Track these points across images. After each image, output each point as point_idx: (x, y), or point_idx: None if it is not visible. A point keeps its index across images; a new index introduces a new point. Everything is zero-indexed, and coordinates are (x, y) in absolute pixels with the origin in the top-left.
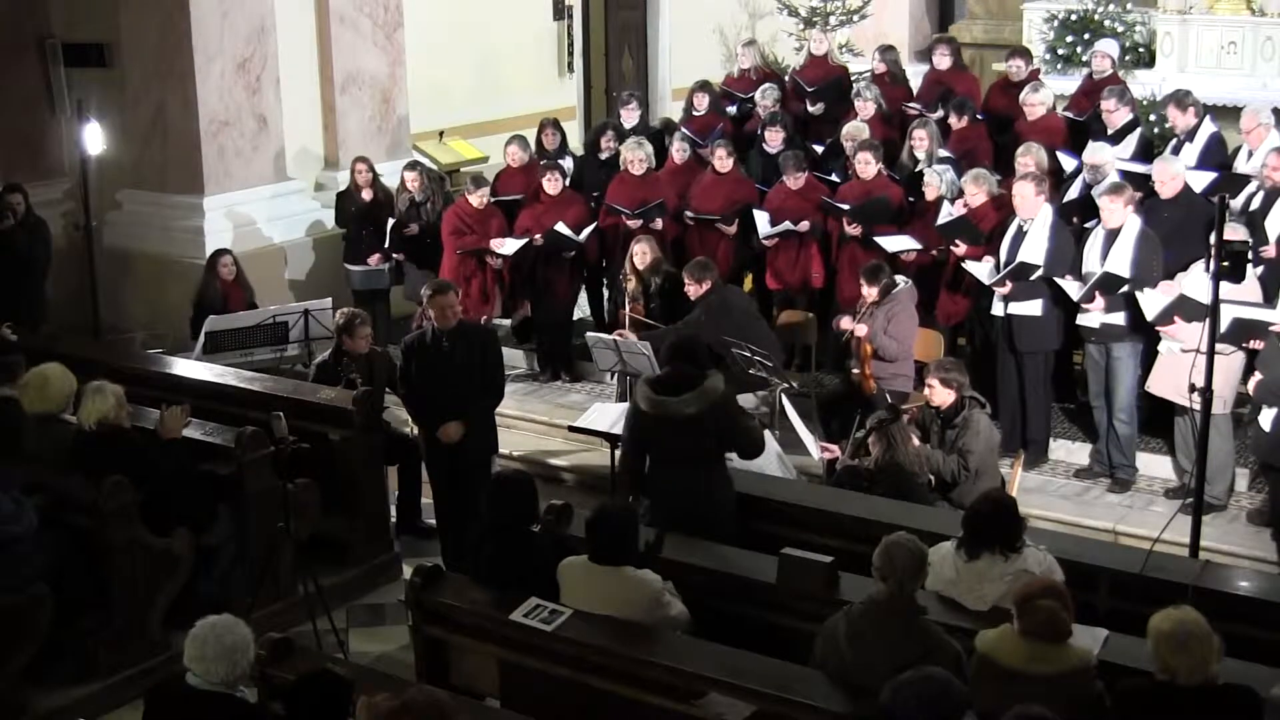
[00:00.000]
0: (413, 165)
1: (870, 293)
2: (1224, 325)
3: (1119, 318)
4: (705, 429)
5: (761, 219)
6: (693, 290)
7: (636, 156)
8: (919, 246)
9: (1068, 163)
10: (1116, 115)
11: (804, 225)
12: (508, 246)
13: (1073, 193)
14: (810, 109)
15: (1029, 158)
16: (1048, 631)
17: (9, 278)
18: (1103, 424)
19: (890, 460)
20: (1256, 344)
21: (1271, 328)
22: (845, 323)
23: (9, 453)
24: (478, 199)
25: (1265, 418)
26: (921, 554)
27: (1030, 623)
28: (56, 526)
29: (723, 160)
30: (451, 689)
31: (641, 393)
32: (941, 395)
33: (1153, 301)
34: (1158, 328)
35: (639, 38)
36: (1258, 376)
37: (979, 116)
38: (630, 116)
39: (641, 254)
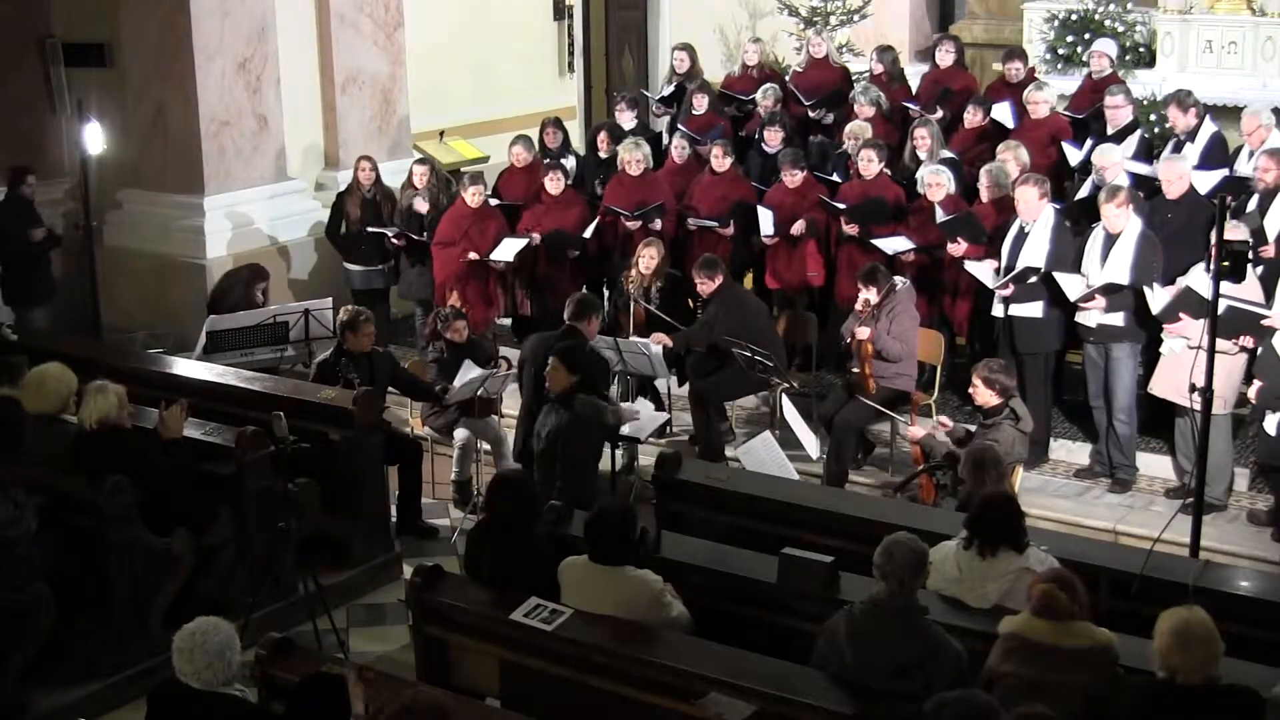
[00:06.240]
0: (423, 160)
1: (871, 295)
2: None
3: (1117, 318)
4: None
5: (766, 217)
6: (704, 288)
7: (634, 157)
8: (916, 246)
9: (1073, 154)
10: (1121, 112)
11: (799, 227)
12: (505, 251)
13: (1082, 192)
14: (811, 114)
15: (1008, 153)
16: (1047, 610)
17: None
18: (1102, 424)
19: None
20: (1248, 341)
21: (1265, 321)
22: (860, 333)
23: (9, 453)
24: (473, 196)
25: (1269, 422)
26: (922, 553)
27: (1036, 605)
28: (56, 526)
29: (720, 159)
30: (451, 689)
31: None
32: (984, 395)
33: (1159, 298)
34: (1164, 325)
35: (639, 38)
36: (1258, 383)
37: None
38: (627, 118)
39: (649, 258)
